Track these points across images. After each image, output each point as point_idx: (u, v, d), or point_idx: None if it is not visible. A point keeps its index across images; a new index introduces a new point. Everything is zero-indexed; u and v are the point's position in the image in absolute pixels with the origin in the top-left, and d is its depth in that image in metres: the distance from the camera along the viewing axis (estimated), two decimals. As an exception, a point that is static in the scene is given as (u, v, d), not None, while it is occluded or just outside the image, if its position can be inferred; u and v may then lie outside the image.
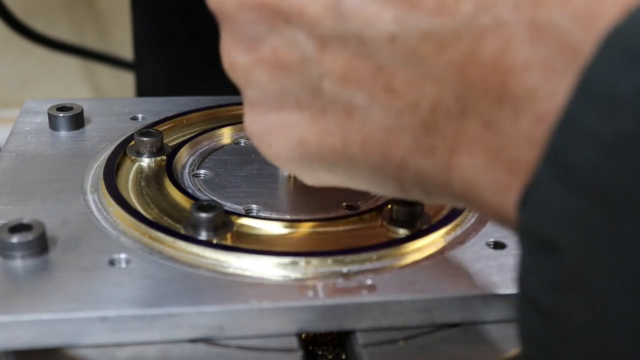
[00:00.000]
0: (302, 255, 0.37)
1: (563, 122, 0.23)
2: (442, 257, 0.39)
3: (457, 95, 0.28)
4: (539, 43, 0.25)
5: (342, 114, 0.31)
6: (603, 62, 0.23)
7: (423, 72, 0.28)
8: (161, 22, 0.76)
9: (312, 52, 0.31)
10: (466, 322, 0.36)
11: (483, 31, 0.26)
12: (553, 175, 0.24)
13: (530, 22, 0.25)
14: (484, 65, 0.26)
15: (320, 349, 0.37)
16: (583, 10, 0.24)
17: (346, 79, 0.30)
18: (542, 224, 0.24)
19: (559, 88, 0.24)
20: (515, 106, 0.26)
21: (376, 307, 0.35)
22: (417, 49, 0.28)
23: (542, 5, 0.25)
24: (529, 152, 0.26)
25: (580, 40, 0.24)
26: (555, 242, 0.24)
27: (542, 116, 0.25)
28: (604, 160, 0.22)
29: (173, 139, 0.51)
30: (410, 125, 0.29)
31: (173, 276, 0.36)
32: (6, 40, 0.92)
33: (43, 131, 0.51)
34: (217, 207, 0.39)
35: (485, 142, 0.27)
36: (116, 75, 1.05)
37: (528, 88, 0.25)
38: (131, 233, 0.39)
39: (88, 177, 0.45)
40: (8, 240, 0.36)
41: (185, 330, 0.34)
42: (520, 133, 0.26)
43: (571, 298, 0.24)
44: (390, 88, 0.29)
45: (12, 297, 0.34)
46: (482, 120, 0.27)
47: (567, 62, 0.24)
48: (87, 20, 1.05)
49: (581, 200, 0.23)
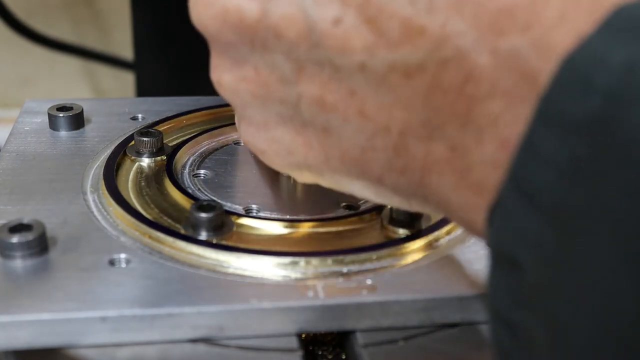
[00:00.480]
0: (302, 255, 0.37)
1: (524, 147, 0.24)
2: (442, 257, 0.39)
3: (424, 121, 0.29)
4: (500, 71, 0.26)
5: (321, 131, 0.33)
6: (558, 88, 0.24)
7: (392, 99, 0.29)
8: (161, 22, 0.76)
9: (290, 75, 0.32)
10: (466, 322, 0.36)
11: (445, 61, 0.27)
12: (515, 197, 0.25)
13: (491, 51, 0.26)
14: (448, 93, 0.27)
15: (320, 349, 0.37)
16: (541, 38, 0.25)
17: (322, 102, 0.32)
18: (506, 242, 0.25)
19: (520, 114, 0.25)
20: (480, 131, 0.27)
21: (376, 307, 0.35)
22: (385, 77, 0.29)
23: (503, 34, 0.26)
24: (493, 175, 0.27)
25: (539, 68, 0.25)
26: (517, 260, 0.25)
27: (505, 141, 0.26)
28: (560, 184, 0.23)
29: (173, 139, 0.51)
30: (383, 147, 0.31)
31: (173, 276, 0.36)
32: (6, 40, 0.92)
33: (43, 131, 0.51)
34: (217, 207, 0.39)
35: (453, 164, 0.29)
36: (116, 75, 1.05)
37: (491, 114, 0.26)
38: (131, 233, 0.39)
39: (88, 177, 0.45)
40: (8, 240, 0.36)
41: (185, 330, 0.34)
42: (485, 157, 0.27)
43: (533, 314, 0.25)
44: (363, 112, 0.31)
45: (12, 297, 0.34)
46: (449, 144, 0.28)
47: (527, 89, 0.25)
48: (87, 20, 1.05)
49: (541, 222, 0.24)
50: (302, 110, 0.33)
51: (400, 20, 0.27)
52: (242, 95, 0.35)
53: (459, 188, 0.29)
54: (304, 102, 0.33)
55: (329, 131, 0.33)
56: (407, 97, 0.29)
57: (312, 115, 0.33)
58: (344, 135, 0.32)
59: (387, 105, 0.30)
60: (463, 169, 0.28)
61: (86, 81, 1.08)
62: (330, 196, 0.44)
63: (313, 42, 0.30)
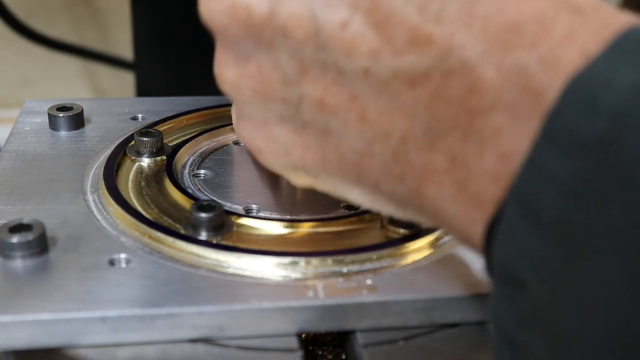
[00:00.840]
0: (302, 255, 0.37)
1: (528, 164, 0.25)
2: (442, 257, 0.39)
3: (425, 129, 0.29)
4: (505, 85, 0.26)
5: (320, 133, 0.33)
6: (565, 107, 0.24)
7: (395, 106, 0.29)
8: (161, 22, 0.76)
9: (294, 75, 0.32)
10: (466, 322, 0.36)
11: (450, 72, 0.27)
12: (518, 214, 0.25)
13: (497, 64, 0.26)
14: (451, 104, 0.27)
15: (320, 349, 0.37)
16: (548, 55, 0.25)
17: (323, 104, 0.32)
18: (508, 260, 0.26)
19: (523, 129, 0.26)
20: (481, 143, 0.27)
21: (376, 307, 0.35)
22: (388, 83, 0.29)
23: (510, 49, 0.26)
24: (492, 188, 0.27)
25: (546, 85, 0.25)
26: (520, 278, 0.25)
27: (505, 155, 0.26)
28: (564, 203, 0.23)
29: (173, 139, 0.51)
30: (381, 153, 0.31)
31: (173, 276, 0.36)
32: (6, 40, 0.92)
33: (43, 131, 0.51)
34: (217, 207, 0.39)
35: (452, 175, 0.29)
36: (116, 75, 1.04)
37: (493, 128, 0.26)
38: (131, 233, 0.39)
39: (88, 177, 0.45)
40: (8, 240, 0.36)
41: (185, 330, 0.34)
42: (485, 169, 0.27)
43: (536, 332, 0.25)
44: (364, 117, 0.31)
45: (12, 297, 0.34)
46: (449, 154, 0.28)
47: (532, 104, 0.25)
48: (87, 20, 1.05)
49: (544, 240, 0.24)
50: (302, 111, 0.33)
51: (408, 28, 0.28)
52: (244, 92, 0.35)
53: (457, 199, 0.29)
54: (305, 103, 0.33)
55: (328, 134, 0.33)
56: (410, 105, 0.29)
57: (312, 117, 0.33)
58: (343, 138, 0.32)
59: (389, 111, 0.30)
60: (462, 180, 0.28)
61: (86, 81, 1.08)
62: (330, 196, 0.44)
63: (319, 43, 0.30)
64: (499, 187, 0.26)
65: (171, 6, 0.74)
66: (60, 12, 1.03)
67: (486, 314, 0.36)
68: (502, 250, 0.26)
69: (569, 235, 0.23)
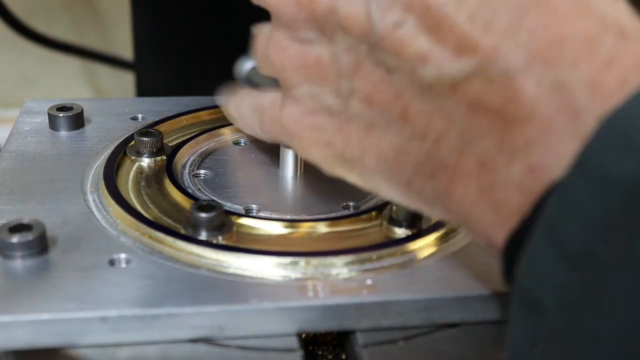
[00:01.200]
0: (302, 255, 0.37)
1: (560, 194, 0.25)
2: (442, 257, 0.39)
3: (460, 133, 0.30)
4: (542, 98, 0.27)
5: (363, 128, 0.34)
6: (600, 142, 0.24)
7: (434, 107, 0.30)
8: (161, 22, 0.76)
9: (348, 69, 0.34)
10: (466, 322, 0.36)
11: (491, 80, 0.28)
12: (545, 241, 0.25)
13: (538, 78, 0.27)
14: (489, 111, 0.28)
15: (320, 349, 0.37)
16: (589, 76, 0.26)
17: (371, 100, 0.33)
18: (533, 286, 0.26)
19: (554, 143, 0.26)
20: (512, 153, 0.28)
21: (376, 307, 0.35)
22: (432, 85, 0.30)
23: (553, 64, 0.26)
24: (517, 197, 0.28)
25: (583, 105, 0.26)
26: (542, 304, 0.26)
27: (534, 167, 0.27)
28: (592, 237, 0.24)
29: (173, 139, 0.51)
30: (416, 151, 0.32)
31: (173, 276, 0.36)
32: (6, 40, 0.92)
33: (43, 131, 0.51)
34: (217, 207, 0.39)
35: (479, 179, 0.29)
36: (116, 75, 1.04)
37: (526, 139, 0.27)
38: (131, 233, 0.39)
39: (88, 177, 0.45)
40: (8, 240, 0.36)
41: (185, 330, 0.34)
42: (512, 178, 0.28)
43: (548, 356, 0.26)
44: (405, 115, 0.32)
45: (12, 297, 0.34)
46: (480, 159, 0.29)
47: (567, 121, 0.26)
48: (87, 20, 1.05)
49: (568, 268, 0.25)
50: (351, 105, 0.34)
51: (458, 34, 0.28)
52: (298, 78, 0.36)
53: (480, 203, 0.29)
54: (354, 98, 0.34)
55: (370, 129, 0.34)
56: (449, 108, 0.30)
57: (359, 112, 0.34)
58: (384, 135, 0.33)
59: (428, 112, 0.31)
60: (488, 185, 0.29)
61: (86, 81, 1.08)
62: (330, 196, 0.44)
63: (372, 42, 0.31)
64: (524, 198, 0.27)
65: (171, 6, 0.74)
66: (60, 12, 1.03)
67: (486, 314, 0.36)
68: (525, 274, 0.26)
69: (593, 267, 0.24)
